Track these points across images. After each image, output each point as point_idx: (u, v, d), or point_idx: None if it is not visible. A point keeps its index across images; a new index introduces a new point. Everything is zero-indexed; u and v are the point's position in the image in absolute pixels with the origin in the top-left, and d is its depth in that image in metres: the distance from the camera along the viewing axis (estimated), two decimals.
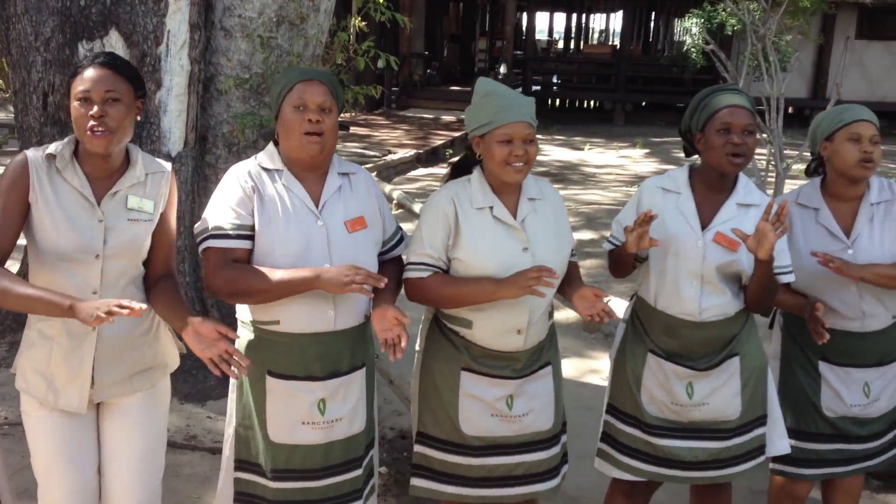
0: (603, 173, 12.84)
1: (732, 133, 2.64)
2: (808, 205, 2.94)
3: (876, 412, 2.99)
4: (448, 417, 2.68)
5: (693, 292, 2.72)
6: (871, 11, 17.77)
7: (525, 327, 2.62)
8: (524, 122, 2.53)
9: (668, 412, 2.80)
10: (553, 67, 21.87)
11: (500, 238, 2.58)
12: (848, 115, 2.85)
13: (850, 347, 2.93)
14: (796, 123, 16.79)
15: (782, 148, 7.89)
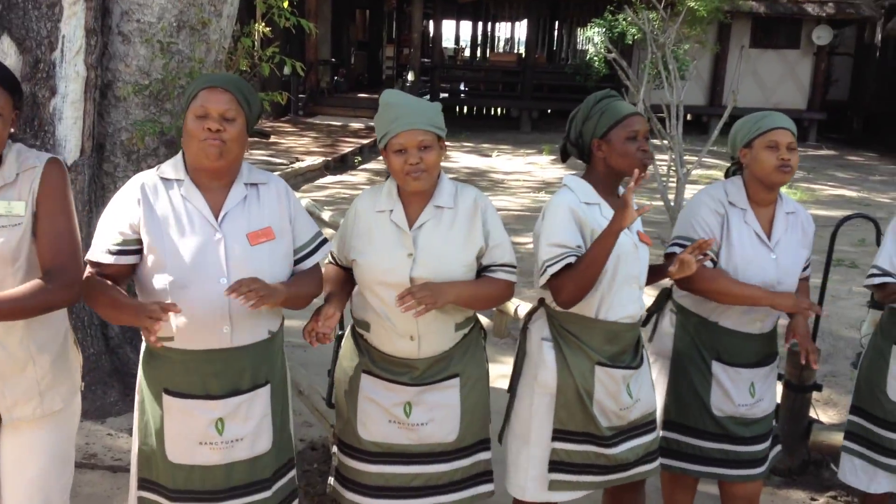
0: (511, 180, 12.99)
1: (639, 140, 2.72)
2: (736, 205, 3.00)
3: (760, 412, 3.07)
4: (349, 421, 2.68)
5: (633, 295, 2.79)
6: (764, 21, 18.48)
7: (416, 334, 2.60)
8: (417, 129, 2.50)
9: (615, 419, 2.82)
10: (460, 75, 22.01)
11: (387, 240, 2.58)
12: (766, 123, 2.92)
13: (742, 348, 3.01)
14: (695, 130, 17.34)
15: (682, 154, 8.11)
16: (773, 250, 2.95)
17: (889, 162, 16.41)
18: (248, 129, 2.46)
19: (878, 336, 3.26)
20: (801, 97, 18.95)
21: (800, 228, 3.04)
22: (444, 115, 2.63)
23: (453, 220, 2.63)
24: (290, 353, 5.10)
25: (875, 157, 17.37)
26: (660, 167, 8.76)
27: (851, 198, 12.22)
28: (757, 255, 2.93)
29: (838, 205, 11.34)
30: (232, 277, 2.35)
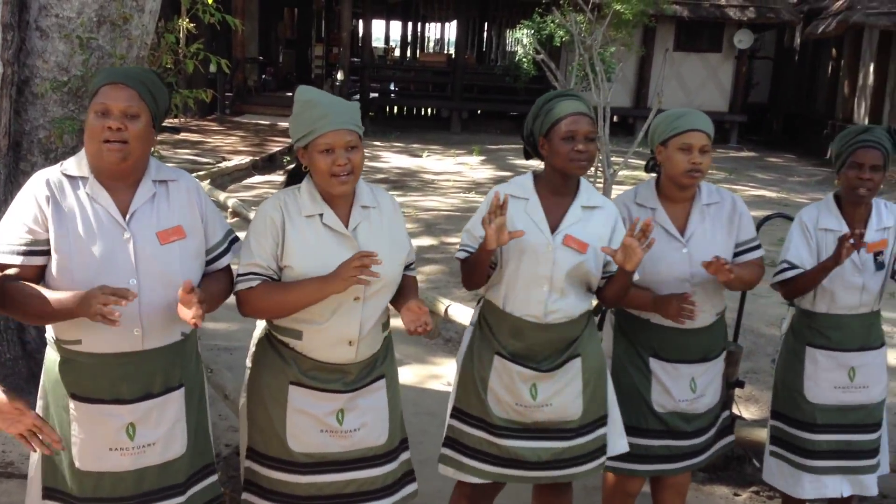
0: (441, 180, 13.00)
1: (577, 140, 2.71)
2: (645, 205, 3.05)
3: (702, 407, 3.12)
4: (276, 434, 2.60)
5: (540, 295, 2.78)
6: (688, 25, 18.87)
7: (356, 338, 2.57)
8: (345, 129, 2.45)
9: (513, 413, 2.83)
10: (390, 75, 21.96)
11: (329, 246, 2.51)
12: (681, 124, 2.94)
13: (678, 343, 3.05)
14: (621, 132, 17.61)
15: (609, 155, 8.22)
16: (686, 245, 2.99)
17: (807, 163, 16.92)
18: (155, 125, 2.38)
19: (791, 338, 3.35)
20: (723, 100, 19.41)
21: (724, 217, 3.06)
22: (375, 115, 2.61)
23: (380, 219, 2.61)
24: (216, 357, 5.04)
25: (794, 158, 17.89)
26: None
27: (771, 198, 12.56)
28: (666, 252, 2.97)
29: (759, 205, 11.64)
30: (142, 278, 2.29)
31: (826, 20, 16.41)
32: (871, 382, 3.26)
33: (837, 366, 3.23)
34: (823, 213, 3.23)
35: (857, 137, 3.13)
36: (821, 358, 3.24)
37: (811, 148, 18.43)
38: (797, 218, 3.29)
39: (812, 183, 14.42)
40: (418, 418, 4.50)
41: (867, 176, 3.08)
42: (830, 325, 3.23)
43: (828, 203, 3.26)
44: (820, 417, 3.24)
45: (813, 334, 3.26)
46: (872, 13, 14.58)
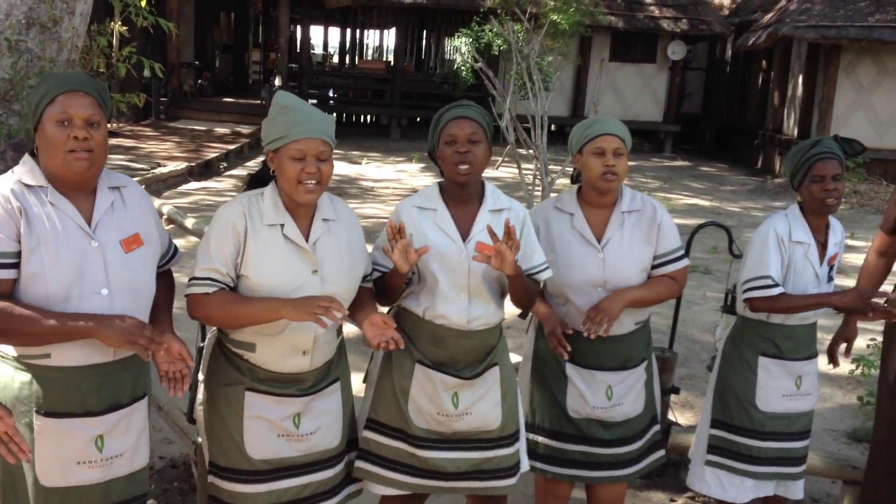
0: (381, 187, 12.97)
1: (457, 143, 2.72)
2: (564, 209, 3.08)
3: (619, 416, 3.12)
4: (234, 444, 2.57)
5: (461, 304, 2.77)
6: (623, 36, 19.17)
7: (311, 349, 2.56)
8: (318, 138, 2.43)
9: (433, 423, 2.81)
10: (329, 81, 21.85)
11: (289, 258, 2.49)
12: (593, 130, 2.97)
13: (595, 350, 3.05)
14: (559, 140, 17.78)
15: (547, 163, 8.30)
16: (601, 250, 3.02)
17: (738, 173, 17.31)
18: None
19: (738, 347, 3.35)
20: (658, 110, 19.75)
21: (644, 225, 3.06)
22: None
23: (339, 232, 2.60)
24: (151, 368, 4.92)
25: (726, 167, 18.29)
26: (526, 176, 8.94)
27: (705, 206, 12.82)
28: (582, 256, 3.00)
29: (692, 213, 11.87)
30: (113, 287, 2.27)
31: (756, 33, 16.82)
32: (812, 390, 3.35)
33: (787, 374, 3.29)
34: (795, 226, 3.23)
35: (812, 151, 3.18)
36: (773, 367, 3.28)
37: (743, 157, 18.87)
38: (770, 230, 3.22)
39: (743, 192, 14.75)
40: None
41: (832, 186, 3.13)
42: (783, 335, 3.27)
43: (795, 215, 3.26)
44: (769, 425, 3.29)
45: (766, 344, 3.28)
46: (801, 26, 14.99)
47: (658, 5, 18.91)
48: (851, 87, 15.69)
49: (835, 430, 4.86)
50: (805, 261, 3.20)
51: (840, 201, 3.17)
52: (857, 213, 12.43)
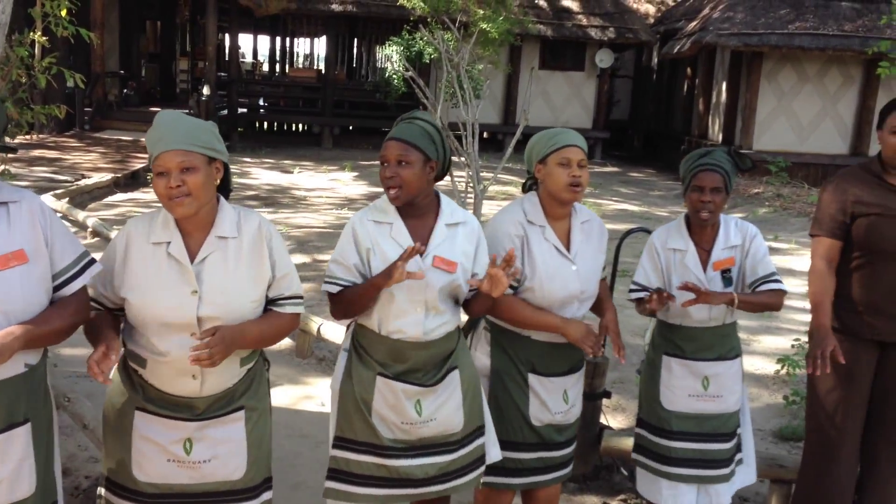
0: (314, 196, 12.87)
1: (389, 165, 2.76)
2: (535, 222, 3.09)
3: (572, 417, 3.21)
4: (122, 461, 2.49)
5: (418, 317, 2.78)
6: (552, 44, 19.41)
7: (200, 372, 2.45)
8: (178, 150, 2.34)
9: (399, 432, 2.81)
10: (259, 90, 21.60)
11: (169, 277, 2.40)
12: (559, 140, 3.01)
13: (553, 357, 3.11)
14: (491, 147, 17.93)
15: (479, 171, 8.33)
16: (574, 261, 3.07)
17: (666, 178, 17.65)
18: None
19: (652, 347, 3.48)
20: (587, 117, 20.04)
21: (596, 235, 3.17)
22: (245, 131, 2.53)
23: (239, 251, 2.48)
24: (74, 385, 4.80)
25: (654, 173, 18.64)
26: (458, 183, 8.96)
27: (634, 212, 13.03)
28: (559, 269, 3.04)
29: (623, 218, 12.06)
30: None
31: (681, 41, 17.20)
32: (724, 392, 3.38)
33: (691, 374, 3.35)
34: (672, 234, 3.37)
35: (698, 161, 3.27)
36: (675, 366, 3.36)
37: (670, 163, 19.24)
38: (649, 239, 3.43)
39: (671, 196, 15.05)
40: (291, 441, 4.41)
41: (707, 198, 3.21)
42: (684, 336, 3.36)
43: (678, 223, 3.40)
44: (675, 424, 3.35)
45: (669, 344, 3.39)
46: (724, 34, 15.38)
47: (586, 14, 19.19)
48: (773, 93, 16.15)
49: (762, 430, 4.97)
50: (683, 266, 3.30)
51: (716, 214, 3.25)
52: (780, 216, 12.77)
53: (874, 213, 3.28)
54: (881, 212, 3.27)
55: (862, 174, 3.39)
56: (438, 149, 2.82)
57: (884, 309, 3.32)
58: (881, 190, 3.31)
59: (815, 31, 15.22)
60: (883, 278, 3.31)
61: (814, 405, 3.53)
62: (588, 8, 19.30)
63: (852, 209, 3.32)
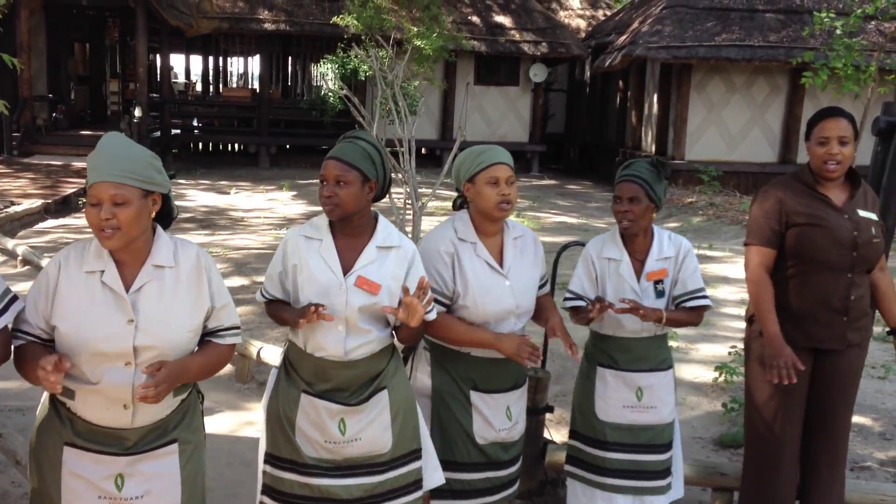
0: (252, 217, 12.73)
1: (325, 185, 2.79)
2: (466, 240, 3.10)
3: (517, 434, 3.22)
4: (52, 500, 2.42)
5: (338, 336, 2.77)
6: (486, 59, 19.57)
7: (132, 402, 2.40)
8: (110, 182, 2.30)
9: (322, 451, 2.80)
10: (193, 110, 21.33)
11: (104, 307, 2.36)
12: (486, 159, 3.03)
13: (495, 373, 3.12)
14: (429, 163, 17.97)
15: (417, 187, 8.34)
16: (507, 277, 3.08)
17: (602, 189, 17.88)
18: None
19: (586, 359, 3.51)
20: (524, 131, 20.22)
21: (530, 250, 3.20)
22: (179, 152, 2.50)
23: (176, 280, 2.45)
24: (6, 420, 4.66)
25: (590, 185, 18.87)
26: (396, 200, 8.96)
27: (572, 224, 13.17)
28: (493, 284, 3.05)
29: (561, 231, 12.18)
30: None
31: (612, 54, 17.49)
32: (658, 403, 3.42)
33: (625, 385, 3.39)
34: (608, 244, 3.42)
35: (619, 173, 3.36)
36: (609, 377, 3.39)
37: (606, 175, 19.51)
38: (585, 249, 3.48)
39: (608, 208, 15.09)
40: (232, 469, 4.33)
41: (624, 208, 3.29)
42: (617, 347, 3.40)
43: (613, 234, 3.45)
44: (610, 435, 3.38)
45: (602, 355, 3.42)
46: (653, 47, 15.68)
47: (518, 30, 19.40)
48: (703, 104, 16.50)
49: (702, 438, 5.04)
50: (618, 276, 3.35)
51: (635, 223, 3.30)
52: (714, 225, 13.02)
53: (805, 222, 3.36)
54: (812, 221, 3.35)
55: (793, 183, 3.47)
56: (378, 169, 2.83)
57: (817, 317, 3.40)
58: (811, 199, 3.40)
59: (742, 42, 15.62)
60: (815, 287, 3.39)
61: (752, 414, 3.59)
62: (521, 24, 19.51)
63: (785, 218, 3.40)
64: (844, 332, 3.40)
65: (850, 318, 3.39)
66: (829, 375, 3.45)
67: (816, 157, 3.35)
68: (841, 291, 3.37)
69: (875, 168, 4.05)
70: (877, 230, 3.38)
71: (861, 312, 3.43)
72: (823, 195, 3.40)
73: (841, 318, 3.38)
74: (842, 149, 3.30)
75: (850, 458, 4.38)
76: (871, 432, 5.13)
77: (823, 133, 3.31)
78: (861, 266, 3.38)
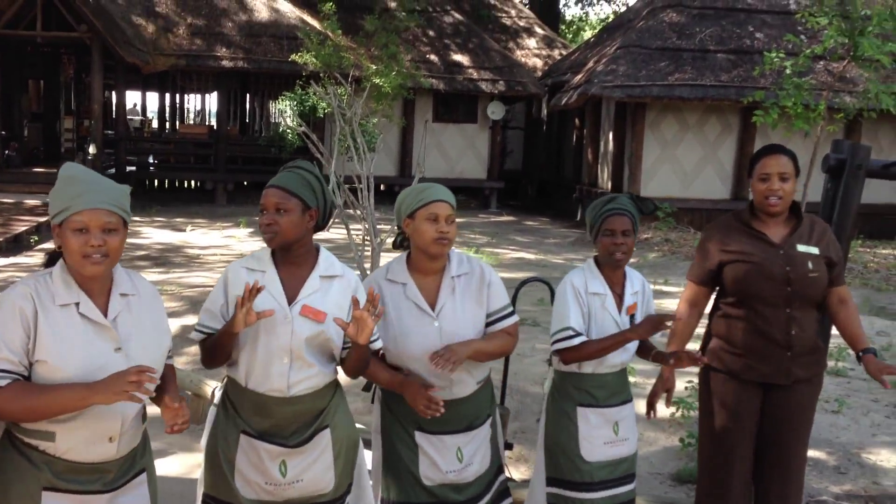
0: (207, 254, 12.60)
1: (267, 212, 2.80)
2: (396, 280, 3.08)
3: (471, 476, 3.16)
4: None
5: (282, 368, 2.74)
6: (444, 97, 19.72)
7: (118, 434, 2.41)
8: (103, 209, 2.33)
9: (263, 493, 2.75)
10: (148, 147, 21.16)
11: (88, 338, 2.35)
12: (426, 196, 3.03)
13: (442, 415, 3.05)
14: (388, 200, 17.93)
15: (375, 224, 8.33)
16: (437, 318, 3.05)
17: (560, 225, 18.03)
18: None
19: (558, 401, 3.43)
20: (482, 167, 20.35)
21: (474, 287, 3.13)
22: (134, 190, 2.53)
23: (140, 307, 2.49)
24: None
25: (548, 221, 19.01)
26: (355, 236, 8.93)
27: (531, 260, 13.23)
28: (417, 326, 3.02)
29: (519, 267, 12.22)
30: None
31: (568, 93, 17.72)
32: (630, 434, 3.46)
33: (605, 422, 3.39)
34: (590, 279, 3.40)
35: (606, 207, 3.37)
36: (591, 416, 3.37)
37: (563, 211, 19.70)
38: (567, 284, 3.39)
39: (566, 244, 15.36)
40: None
41: (620, 241, 3.31)
42: (595, 384, 3.39)
43: (591, 268, 3.45)
44: (597, 475, 3.36)
45: (580, 394, 3.38)
46: (608, 86, 15.93)
47: (476, 68, 19.60)
48: (657, 141, 16.76)
49: (660, 473, 5.05)
50: (604, 311, 3.36)
51: (629, 255, 3.36)
52: (669, 260, 13.17)
53: (737, 259, 3.46)
54: (745, 259, 3.44)
55: (732, 222, 3.57)
56: (318, 197, 2.84)
57: (761, 352, 3.45)
58: (747, 237, 3.48)
59: (694, 81, 15.92)
60: (756, 322, 3.45)
61: (704, 446, 3.63)
62: (478, 62, 19.72)
63: (719, 257, 3.48)
64: (790, 367, 3.44)
65: (794, 354, 3.43)
66: (778, 410, 3.49)
67: (758, 192, 3.43)
68: (781, 326, 3.42)
69: (826, 204, 4.13)
70: (815, 265, 3.42)
71: (806, 348, 3.47)
72: (760, 232, 3.47)
73: (784, 353, 3.43)
74: (783, 185, 3.38)
75: (806, 493, 4.42)
76: (826, 466, 5.18)
77: (765, 170, 3.40)
78: (799, 301, 3.42)
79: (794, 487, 3.54)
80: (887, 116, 13.42)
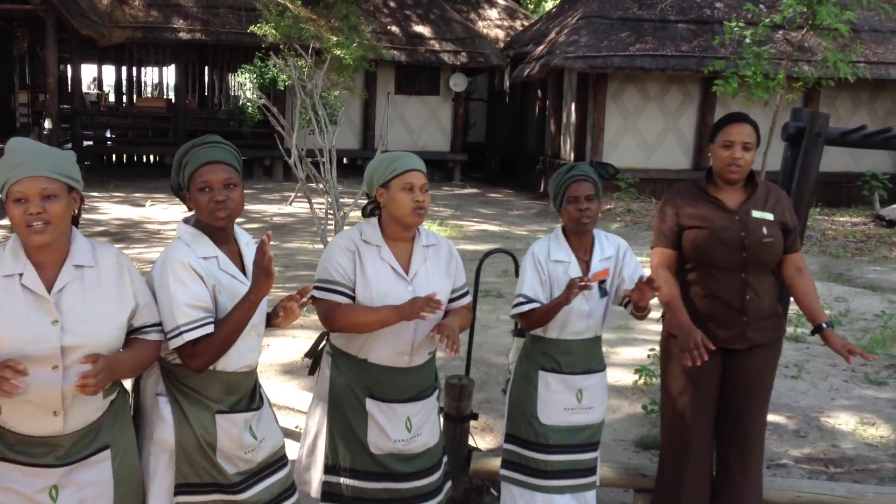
0: (168, 230, 12.44)
1: (214, 191, 2.65)
2: (371, 242, 3.07)
3: (419, 447, 3.15)
4: None
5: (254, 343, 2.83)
6: (407, 69, 19.59)
7: (62, 409, 2.37)
8: (40, 176, 2.30)
9: (242, 464, 2.76)
10: (105, 122, 20.80)
11: (26, 309, 2.32)
12: (400, 165, 3.01)
13: (394, 384, 3.09)
14: (351, 173, 17.86)
15: (338, 197, 8.28)
16: (411, 282, 3.06)
17: (524, 197, 18.06)
18: None
19: (524, 363, 3.52)
20: (445, 140, 20.30)
21: (442, 259, 3.17)
22: (91, 164, 2.44)
23: (97, 279, 2.44)
24: None
25: (512, 193, 19.03)
26: (318, 210, 8.88)
27: (495, 231, 13.25)
28: (393, 288, 3.03)
29: (483, 239, 12.24)
30: None
31: (530, 64, 17.68)
32: (596, 403, 3.50)
33: (567, 388, 3.43)
34: (553, 246, 3.46)
35: (568, 174, 3.40)
36: (552, 381, 3.43)
37: (526, 183, 19.73)
38: (529, 253, 3.47)
39: (529, 215, 15.40)
40: None
41: (584, 206, 3.35)
42: (560, 350, 3.43)
43: (557, 236, 3.49)
44: (552, 438, 3.42)
45: (545, 359, 3.44)
46: (570, 57, 15.91)
47: (438, 39, 19.47)
48: (619, 112, 16.81)
49: (624, 440, 5.11)
50: (567, 277, 3.38)
51: (595, 220, 3.40)
52: (631, 230, 13.27)
53: (694, 225, 3.49)
54: (703, 224, 3.47)
55: (690, 188, 3.59)
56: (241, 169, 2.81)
57: (720, 317, 3.49)
58: (705, 203, 3.51)
59: (655, 52, 15.95)
60: (712, 287, 3.49)
61: (666, 411, 3.67)
62: (440, 34, 19.59)
63: (681, 221, 3.51)
64: (746, 332, 3.48)
65: (750, 318, 3.47)
66: (736, 375, 3.54)
67: (720, 159, 3.45)
68: (736, 291, 3.46)
69: (785, 172, 4.17)
70: (770, 230, 3.46)
71: (762, 313, 3.51)
72: (715, 198, 3.50)
73: (740, 318, 3.47)
74: (744, 154, 3.41)
75: (767, 457, 4.49)
76: (786, 430, 5.27)
77: (728, 137, 3.42)
78: (754, 266, 3.46)
79: (754, 451, 3.60)
80: (845, 85, 13.58)
